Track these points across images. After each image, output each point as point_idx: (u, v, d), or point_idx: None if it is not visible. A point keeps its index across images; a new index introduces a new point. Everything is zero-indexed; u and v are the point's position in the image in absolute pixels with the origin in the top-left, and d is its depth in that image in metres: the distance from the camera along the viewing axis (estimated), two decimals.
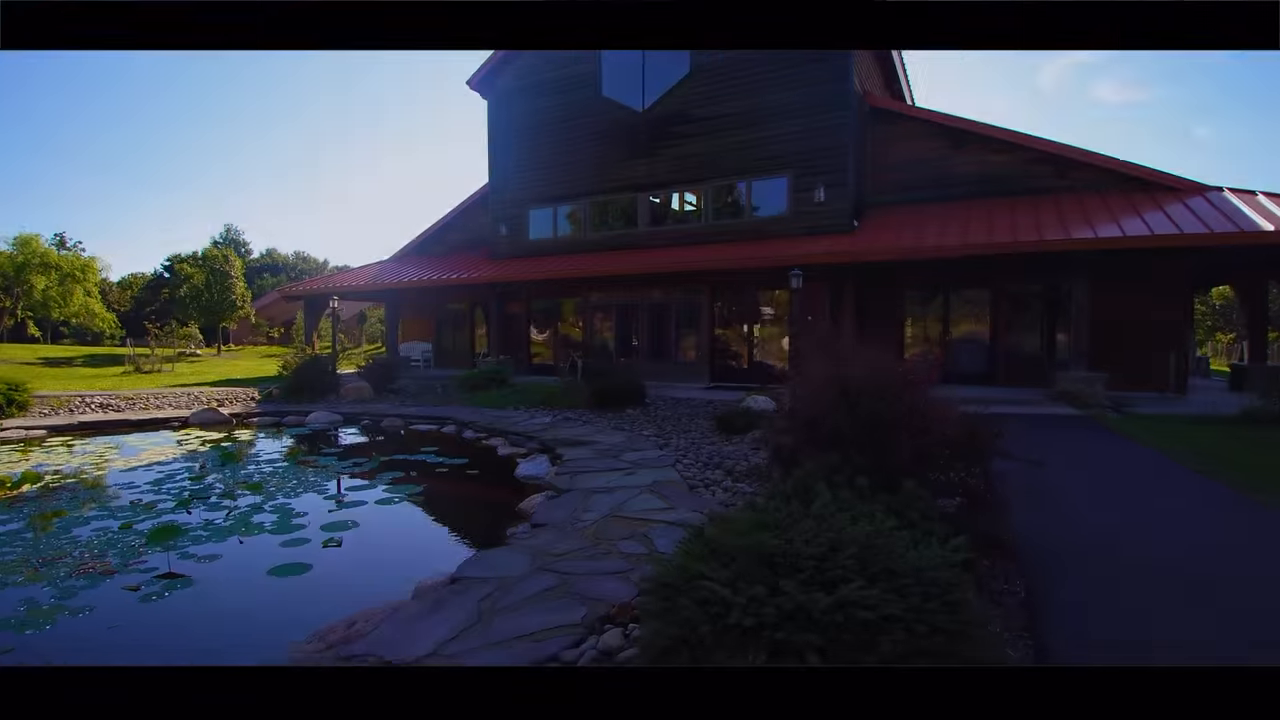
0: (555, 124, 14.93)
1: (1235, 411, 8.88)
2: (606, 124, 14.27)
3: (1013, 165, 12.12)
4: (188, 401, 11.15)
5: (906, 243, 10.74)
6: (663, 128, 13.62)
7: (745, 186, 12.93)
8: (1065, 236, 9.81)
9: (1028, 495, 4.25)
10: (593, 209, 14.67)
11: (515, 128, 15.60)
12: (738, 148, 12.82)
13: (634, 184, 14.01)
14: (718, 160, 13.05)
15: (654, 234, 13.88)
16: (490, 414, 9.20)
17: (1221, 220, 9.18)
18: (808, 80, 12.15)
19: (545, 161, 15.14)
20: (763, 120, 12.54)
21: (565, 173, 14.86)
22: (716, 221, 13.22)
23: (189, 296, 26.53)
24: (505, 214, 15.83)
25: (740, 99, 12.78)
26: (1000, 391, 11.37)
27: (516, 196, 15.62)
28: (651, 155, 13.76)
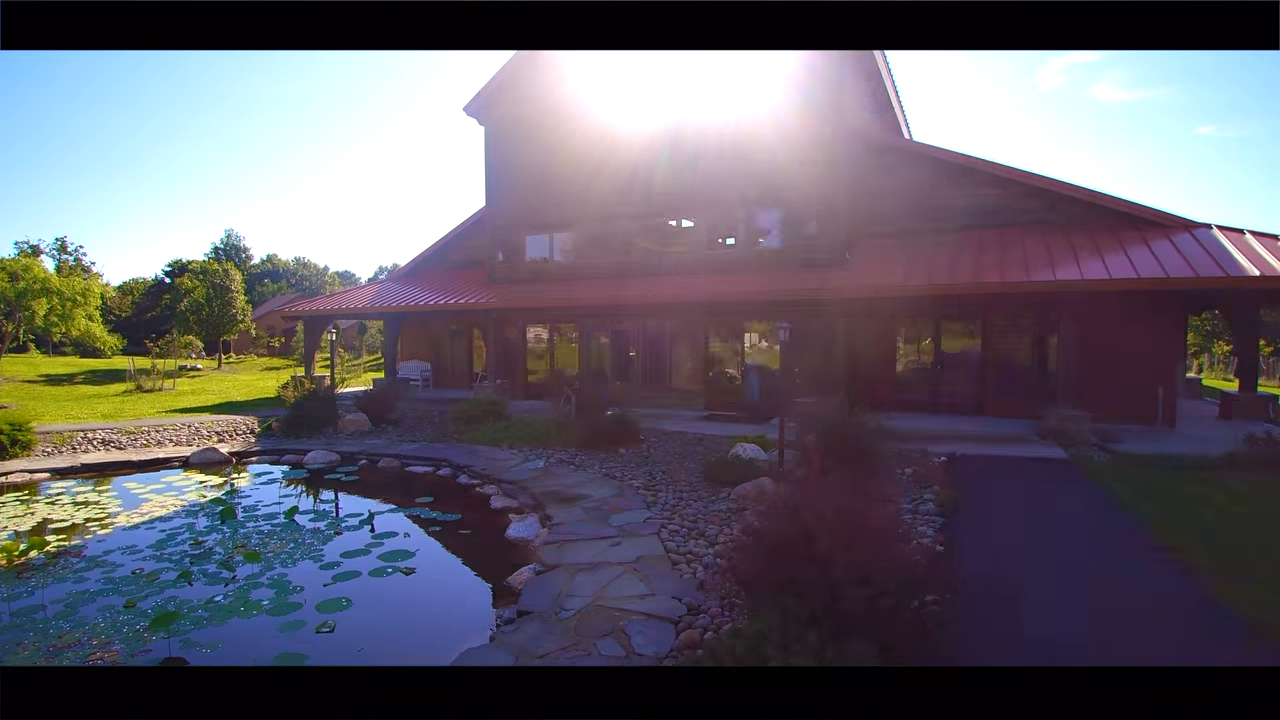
0: (551, 151, 15.06)
1: (1220, 454, 9.02)
2: (602, 152, 14.39)
3: (1003, 199, 12.24)
4: (188, 435, 11.33)
5: (895, 280, 10.87)
6: (660, 157, 13.74)
7: (739, 218, 13.05)
8: (1052, 275, 9.94)
9: (980, 604, 4.19)
10: (589, 236, 14.81)
11: (511, 154, 15.73)
12: (732, 180, 12.95)
13: (629, 213, 14.14)
14: (712, 191, 13.19)
15: (649, 263, 14.02)
16: (485, 455, 9.36)
17: (1207, 263, 9.30)
18: (800, 115, 12.26)
19: (541, 188, 15.27)
20: (756, 154, 12.67)
21: (560, 200, 14.99)
22: (710, 252, 13.36)
23: (189, 310, 26.72)
24: (502, 239, 15.97)
25: (734, 133, 12.90)
26: (988, 424, 11.53)
27: (513, 222, 15.76)
28: (647, 184, 13.89)
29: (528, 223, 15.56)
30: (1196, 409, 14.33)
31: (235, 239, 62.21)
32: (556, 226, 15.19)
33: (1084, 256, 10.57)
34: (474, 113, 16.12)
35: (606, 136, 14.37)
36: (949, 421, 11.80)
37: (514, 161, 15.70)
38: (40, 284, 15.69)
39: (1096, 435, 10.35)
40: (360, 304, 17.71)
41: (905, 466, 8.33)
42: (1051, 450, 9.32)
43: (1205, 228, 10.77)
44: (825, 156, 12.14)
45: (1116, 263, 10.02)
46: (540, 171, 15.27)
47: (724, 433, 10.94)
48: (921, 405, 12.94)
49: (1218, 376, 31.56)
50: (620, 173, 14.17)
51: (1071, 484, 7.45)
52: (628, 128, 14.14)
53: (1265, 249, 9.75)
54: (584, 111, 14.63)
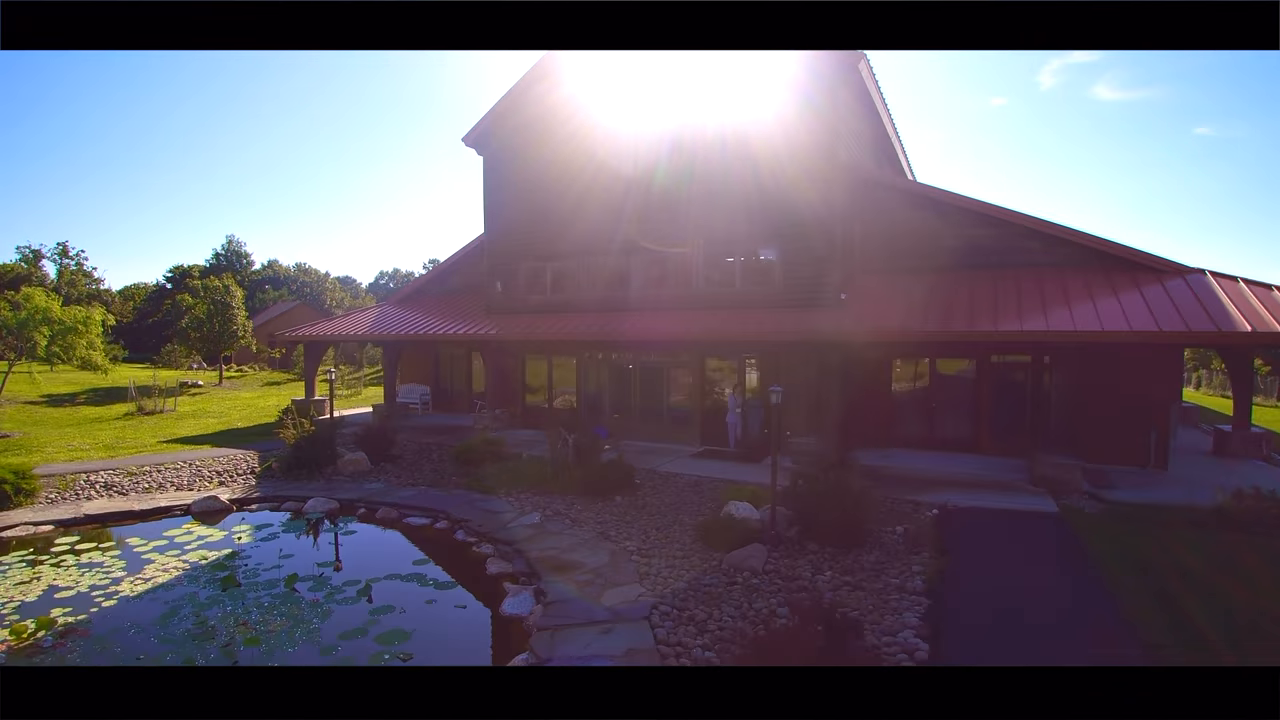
0: (548, 183, 15.12)
1: (1209, 505, 9.11)
2: (600, 186, 14.45)
3: (999, 239, 12.30)
4: (189, 477, 11.45)
5: (891, 325, 10.95)
6: (655, 193, 13.80)
7: (735, 255, 13.12)
8: (1045, 323, 10.00)
9: None
10: (586, 268, 14.88)
11: (509, 185, 15.79)
12: (729, 218, 13.01)
13: (627, 246, 14.21)
14: (710, 228, 13.25)
15: (646, 296, 14.09)
16: (482, 506, 9.47)
17: (1200, 316, 9.34)
18: (798, 154, 12.31)
19: (538, 220, 15.34)
20: (754, 192, 12.72)
21: (558, 232, 15.06)
22: (708, 289, 13.43)
23: (190, 326, 26.84)
24: (500, 269, 16.05)
25: (732, 170, 12.95)
26: (982, 465, 11.63)
27: (511, 253, 15.84)
28: (644, 219, 13.95)
29: (525, 254, 15.63)
30: (1191, 440, 14.40)
31: (236, 245, 62.31)
32: (554, 258, 15.27)
33: (1077, 300, 10.64)
34: (472, 143, 16.17)
35: (604, 170, 14.42)
36: (944, 461, 11.89)
37: (512, 193, 15.77)
38: (41, 314, 15.77)
39: (1088, 479, 10.45)
40: (360, 330, 17.81)
41: (897, 524, 8.42)
42: (1042, 502, 9.40)
43: (1199, 273, 10.82)
44: (822, 196, 12.19)
45: (1109, 310, 10.08)
46: (538, 203, 15.34)
47: (718, 475, 11.04)
48: (917, 441, 13.04)
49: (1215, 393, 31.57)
50: (617, 206, 14.23)
51: (1060, 551, 7.51)
52: (625, 162, 14.20)
53: (1259, 300, 9.81)
54: (581, 146, 14.68)
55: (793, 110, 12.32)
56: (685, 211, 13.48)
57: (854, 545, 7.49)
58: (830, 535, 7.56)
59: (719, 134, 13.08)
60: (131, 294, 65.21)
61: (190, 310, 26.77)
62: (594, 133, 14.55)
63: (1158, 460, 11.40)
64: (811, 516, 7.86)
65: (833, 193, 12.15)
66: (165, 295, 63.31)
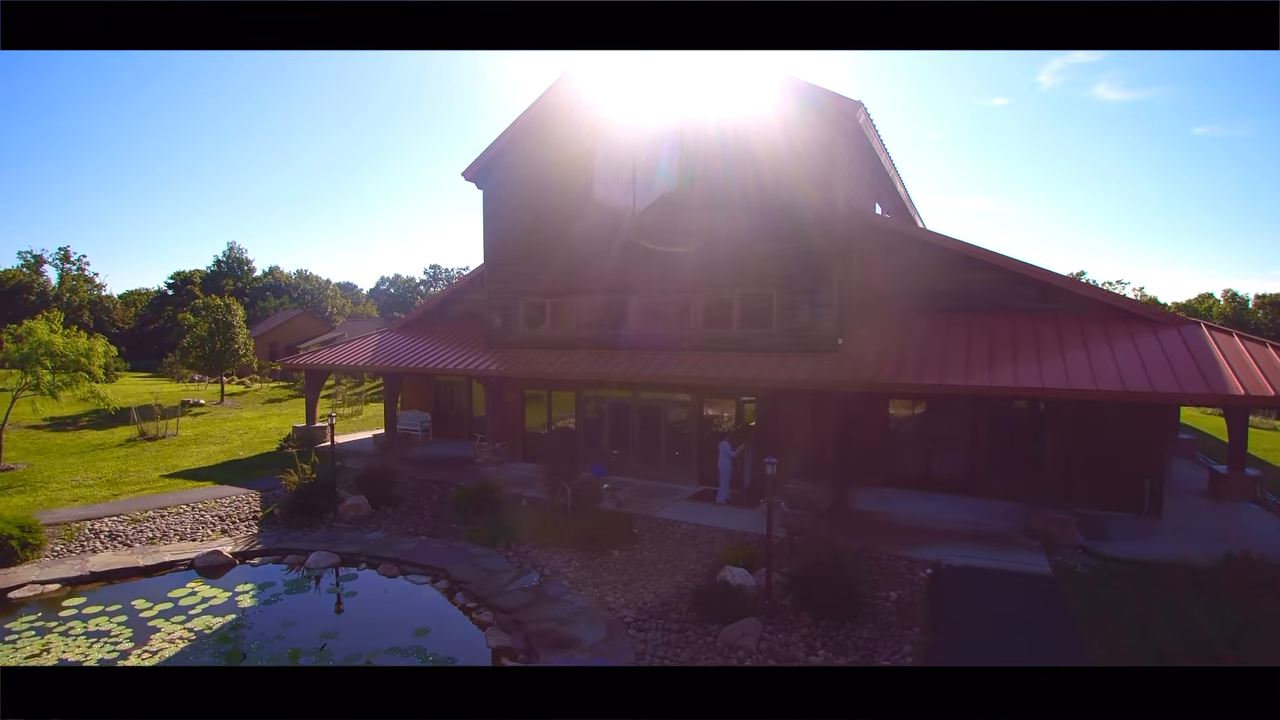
0: (548, 221, 15.19)
1: (1202, 561, 9.21)
2: (598, 225, 14.52)
3: (995, 284, 12.38)
4: (192, 524, 11.57)
5: (886, 377, 11.03)
6: (653, 234, 13.86)
7: (734, 299, 13.19)
8: (1040, 381, 10.08)
9: None
10: (586, 306, 14.96)
11: (508, 220, 15.87)
12: (727, 261, 13.08)
13: (625, 286, 14.29)
14: (708, 270, 13.32)
15: (645, 335, 14.18)
16: (482, 564, 9.59)
17: (1194, 377, 9.41)
18: (795, 200, 12.37)
19: (538, 257, 15.42)
20: (751, 236, 12.80)
21: (558, 269, 15.14)
22: (706, 330, 13.50)
23: (192, 345, 26.98)
24: (499, 304, 16.14)
25: (730, 213, 13.02)
26: (978, 511, 11.72)
27: (510, 288, 15.92)
28: (643, 260, 14.02)
29: (525, 289, 15.71)
30: (1187, 477, 14.44)
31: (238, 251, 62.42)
32: (553, 294, 15.34)
33: (1072, 348, 10.72)
34: (472, 177, 16.24)
35: (603, 209, 14.49)
36: (939, 506, 11.99)
37: (511, 228, 15.84)
38: (44, 347, 15.88)
39: (1083, 530, 10.54)
40: (361, 360, 17.91)
41: (891, 589, 8.52)
42: (1035, 560, 9.47)
43: (1194, 325, 10.89)
44: (819, 244, 12.26)
45: (1103, 363, 10.16)
46: (537, 239, 15.41)
47: (714, 524, 11.14)
48: (914, 480, 13.13)
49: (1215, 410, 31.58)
50: (617, 245, 14.30)
51: (1049, 624, 7.59)
52: (624, 201, 14.27)
53: (1253, 357, 9.89)
54: (581, 184, 14.75)
55: (790, 160, 12.37)
56: (684, 253, 13.54)
57: (848, 617, 7.59)
58: (824, 607, 7.66)
59: (718, 179, 13.14)
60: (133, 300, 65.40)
61: (192, 329, 26.87)
62: (593, 172, 14.61)
63: (1152, 507, 11.49)
64: (806, 585, 7.96)
65: (830, 240, 12.21)
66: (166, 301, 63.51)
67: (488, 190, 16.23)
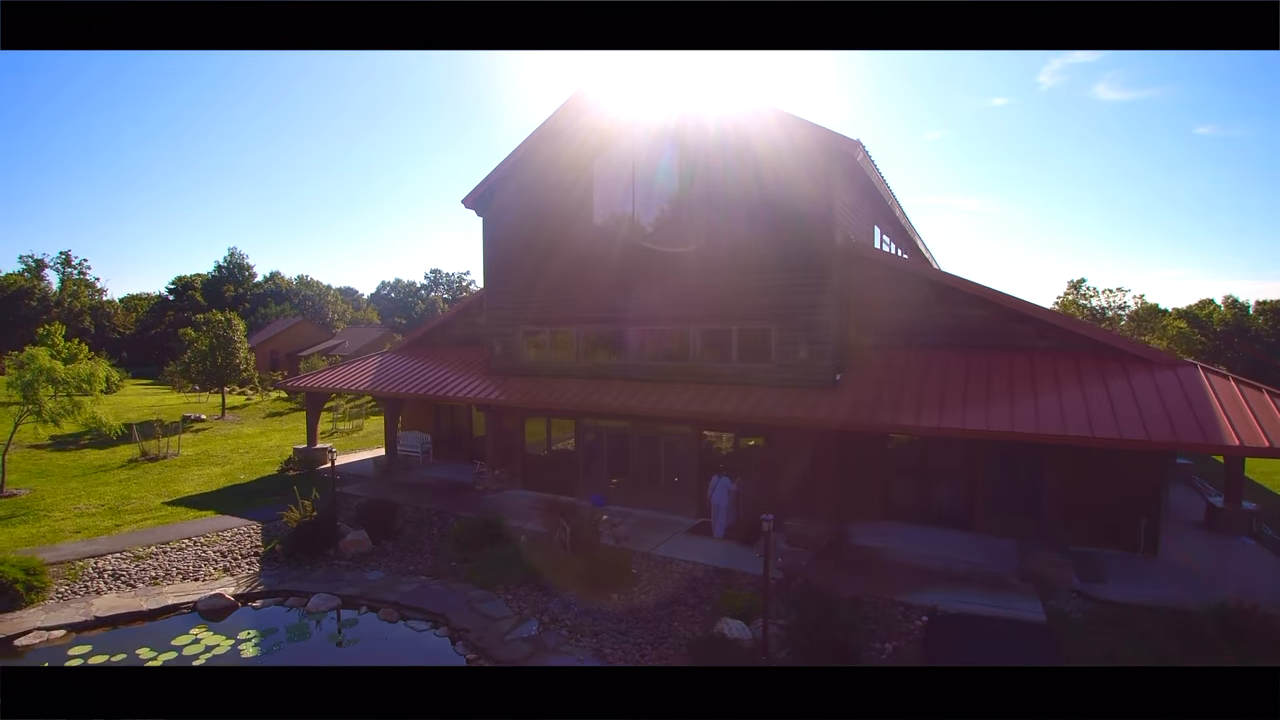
0: (547, 250, 15.22)
1: (1196, 606, 9.28)
2: (598, 255, 14.56)
3: (991, 320, 12.40)
4: (194, 562, 11.65)
5: (884, 417, 11.07)
6: (653, 265, 13.90)
7: (732, 332, 13.23)
8: (1035, 425, 10.11)
9: None
10: (585, 336, 15.01)
11: (508, 249, 15.90)
12: (725, 295, 13.11)
13: (624, 316, 14.33)
14: (706, 303, 13.36)
15: (644, 367, 14.22)
16: (481, 609, 9.66)
17: (1190, 426, 9.42)
18: (793, 237, 12.40)
19: (537, 286, 15.46)
20: (750, 271, 12.82)
21: (557, 298, 15.18)
22: (706, 362, 13.55)
23: (193, 360, 27.06)
24: (499, 332, 16.19)
25: (729, 248, 13.05)
26: (975, 548, 11.79)
27: (509, 316, 15.97)
28: (643, 290, 14.06)
29: (524, 317, 15.76)
30: (1185, 506, 14.48)
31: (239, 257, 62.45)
32: (553, 322, 15.39)
33: (1069, 393, 10.74)
34: (471, 205, 16.27)
35: (602, 238, 14.54)
36: (937, 542, 12.06)
37: (510, 257, 15.88)
38: (45, 374, 15.97)
39: (1078, 571, 10.60)
40: (362, 383, 17.98)
41: (887, 639, 8.59)
42: (1030, 606, 9.52)
43: (1190, 367, 10.92)
44: (818, 279, 12.28)
45: (1099, 406, 10.19)
46: (536, 268, 15.45)
47: (712, 562, 11.21)
48: (913, 514, 13.20)
49: None
50: (616, 275, 14.34)
51: None
52: (622, 230, 14.31)
53: (1249, 404, 9.91)
54: (580, 213, 14.78)
55: (788, 197, 12.39)
56: (683, 284, 13.58)
57: None
58: (821, 661, 7.72)
59: (719, 211, 13.17)
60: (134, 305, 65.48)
61: (193, 344, 26.95)
62: (592, 201, 14.64)
63: (1148, 546, 11.55)
64: (803, 638, 8.03)
65: (829, 278, 12.24)
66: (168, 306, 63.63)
67: (487, 218, 16.26)
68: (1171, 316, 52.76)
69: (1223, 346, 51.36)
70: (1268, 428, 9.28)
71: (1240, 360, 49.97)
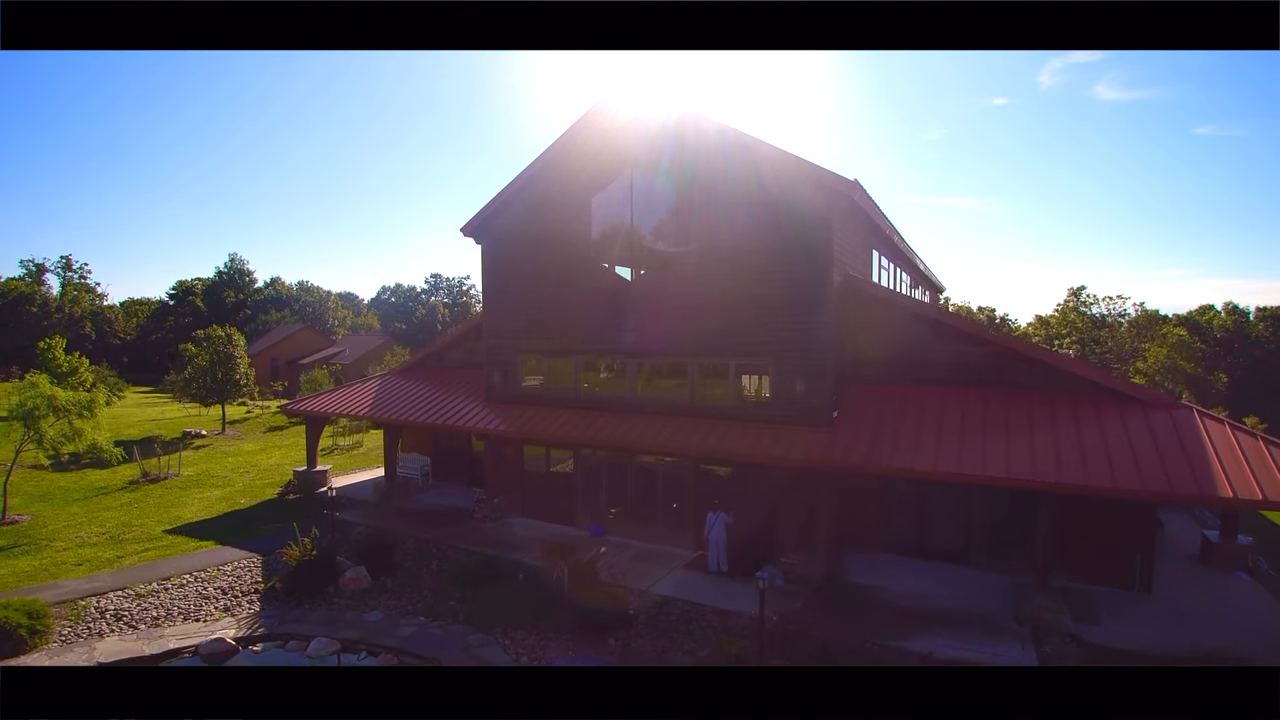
0: (546, 280, 15.27)
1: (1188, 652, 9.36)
2: (597, 287, 14.60)
3: (988, 357, 12.46)
4: (195, 600, 11.73)
5: (881, 459, 11.13)
6: (652, 298, 13.94)
7: (730, 367, 13.28)
8: (1032, 471, 10.17)
9: None
10: (583, 367, 15.06)
11: (507, 277, 15.95)
12: (724, 330, 13.16)
13: (623, 348, 14.38)
14: (705, 338, 13.40)
15: (643, 400, 14.28)
16: (479, 654, 9.74)
17: (1185, 475, 9.47)
18: (792, 275, 12.43)
19: (536, 316, 15.51)
20: (748, 307, 12.86)
21: (556, 329, 15.23)
22: (704, 396, 13.60)
23: (193, 376, 27.15)
24: (498, 359, 16.24)
25: (727, 283, 13.08)
26: (969, 584, 11.87)
27: (508, 344, 16.02)
28: (640, 323, 14.10)
29: (523, 346, 15.81)
30: (1182, 537, 14.51)
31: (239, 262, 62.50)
32: (551, 353, 15.43)
33: (1064, 435, 10.79)
34: (470, 233, 16.31)
35: (602, 271, 14.57)
36: (933, 578, 12.14)
37: (509, 285, 15.92)
38: (45, 401, 16.05)
39: (1072, 612, 10.66)
40: (362, 408, 18.05)
41: None
42: (1025, 653, 9.60)
43: (1187, 410, 10.96)
44: (816, 317, 12.32)
45: (1095, 454, 10.24)
46: (534, 298, 15.50)
47: (709, 601, 11.27)
48: (909, 546, 13.27)
49: None
50: (614, 308, 14.38)
51: None
52: (622, 265, 14.34)
53: (1243, 450, 9.95)
54: (578, 245, 14.82)
55: (785, 237, 12.43)
56: (682, 318, 13.62)
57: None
58: None
59: (718, 245, 13.20)
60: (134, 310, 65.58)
61: (193, 360, 27.03)
62: (590, 234, 14.68)
63: (1143, 584, 11.62)
64: None
65: (826, 313, 12.28)
66: (168, 312, 63.70)
67: (485, 246, 16.31)
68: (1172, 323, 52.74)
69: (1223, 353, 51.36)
70: (1261, 478, 9.33)
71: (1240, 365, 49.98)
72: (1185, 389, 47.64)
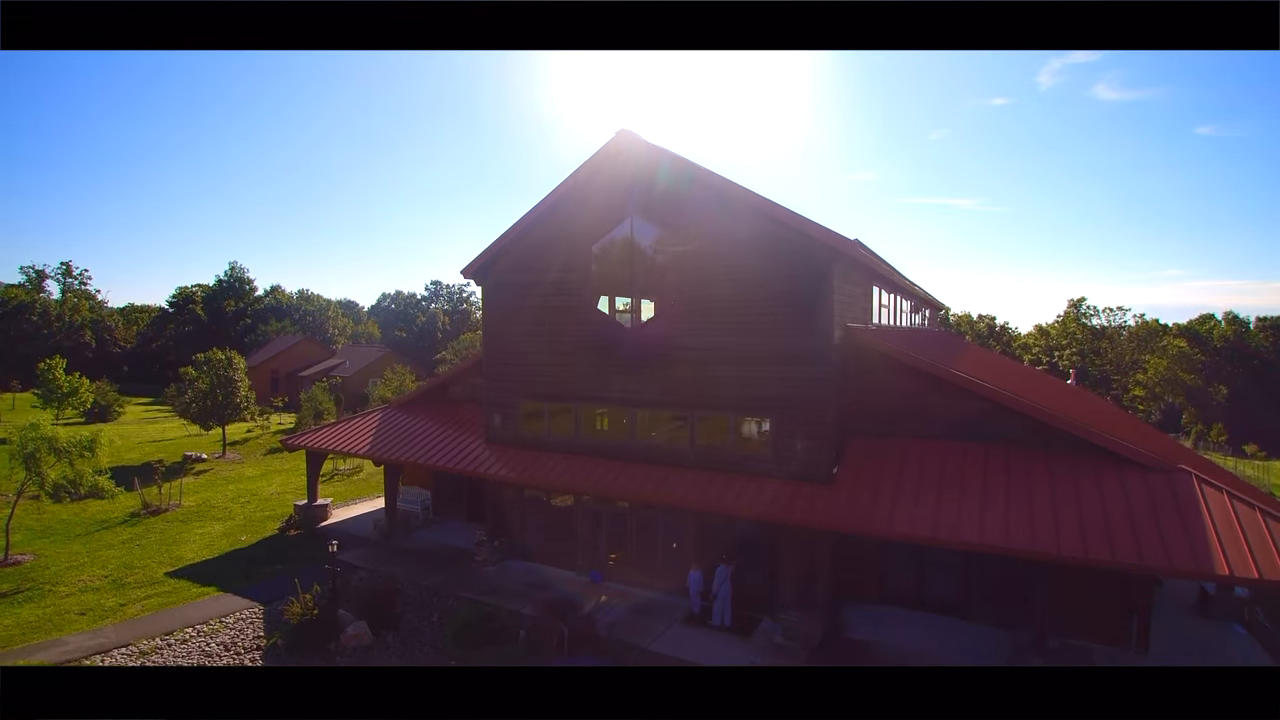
0: (547, 325, 15.27)
1: None
2: (597, 336, 14.60)
3: (986, 413, 12.47)
4: (198, 654, 11.78)
5: (878, 523, 11.16)
6: (651, 350, 13.95)
7: (730, 422, 13.29)
8: (1031, 542, 10.20)
9: None
10: (584, 414, 15.07)
11: (507, 321, 15.95)
12: (723, 383, 13.17)
13: (623, 398, 14.39)
14: (704, 391, 13.41)
15: (643, 449, 14.30)
16: None
17: (1183, 551, 9.49)
18: (791, 331, 12.44)
19: (537, 360, 15.51)
20: (748, 362, 12.88)
21: (557, 374, 15.24)
22: (704, 449, 13.61)
23: (193, 400, 27.19)
24: (498, 401, 16.25)
25: (727, 337, 13.09)
26: (967, 638, 11.96)
27: (509, 387, 16.03)
28: (641, 374, 14.11)
29: (523, 391, 15.82)
30: (1180, 586, 14.50)
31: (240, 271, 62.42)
32: (551, 398, 15.44)
33: (1063, 499, 10.82)
34: (471, 275, 16.31)
35: (602, 320, 14.57)
36: (932, 633, 12.22)
37: (509, 329, 15.92)
38: (46, 443, 16.10)
39: None
40: (361, 447, 18.06)
41: None
42: None
43: (1185, 475, 10.97)
44: (816, 374, 12.33)
45: (1094, 523, 10.26)
46: (535, 344, 15.50)
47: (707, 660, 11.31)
48: (908, 598, 13.33)
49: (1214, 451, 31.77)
50: (614, 358, 14.39)
51: None
52: (622, 314, 14.34)
53: (1242, 523, 9.97)
54: (580, 293, 14.81)
55: (787, 293, 12.43)
56: (683, 371, 13.63)
57: None
58: None
59: (717, 299, 13.20)
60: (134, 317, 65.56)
61: (193, 384, 27.06)
62: (590, 282, 14.67)
63: (1139, 642, 11.68)
64: None
65: (826, 370, 12.29)
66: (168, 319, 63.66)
67: (486, 287, 16.30)
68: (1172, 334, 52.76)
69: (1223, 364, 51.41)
70: (1259, 554, 9.35)
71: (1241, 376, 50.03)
72: (1185, 401, 47.76)
